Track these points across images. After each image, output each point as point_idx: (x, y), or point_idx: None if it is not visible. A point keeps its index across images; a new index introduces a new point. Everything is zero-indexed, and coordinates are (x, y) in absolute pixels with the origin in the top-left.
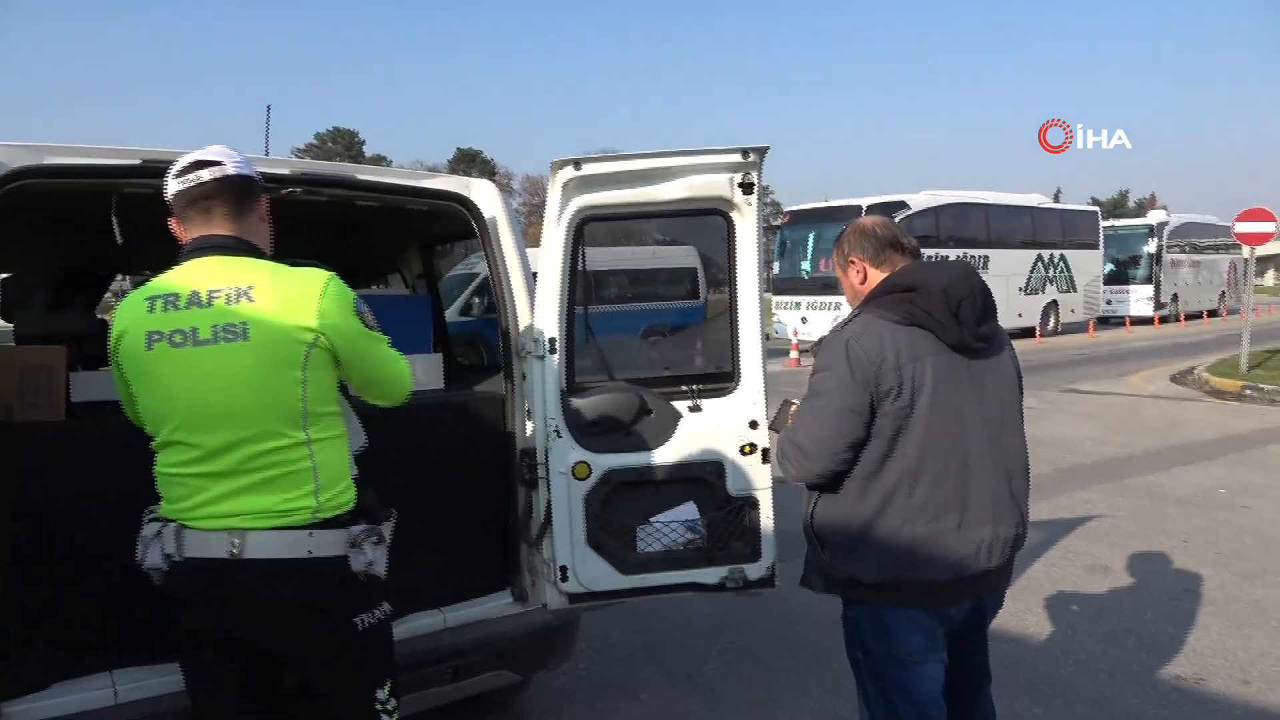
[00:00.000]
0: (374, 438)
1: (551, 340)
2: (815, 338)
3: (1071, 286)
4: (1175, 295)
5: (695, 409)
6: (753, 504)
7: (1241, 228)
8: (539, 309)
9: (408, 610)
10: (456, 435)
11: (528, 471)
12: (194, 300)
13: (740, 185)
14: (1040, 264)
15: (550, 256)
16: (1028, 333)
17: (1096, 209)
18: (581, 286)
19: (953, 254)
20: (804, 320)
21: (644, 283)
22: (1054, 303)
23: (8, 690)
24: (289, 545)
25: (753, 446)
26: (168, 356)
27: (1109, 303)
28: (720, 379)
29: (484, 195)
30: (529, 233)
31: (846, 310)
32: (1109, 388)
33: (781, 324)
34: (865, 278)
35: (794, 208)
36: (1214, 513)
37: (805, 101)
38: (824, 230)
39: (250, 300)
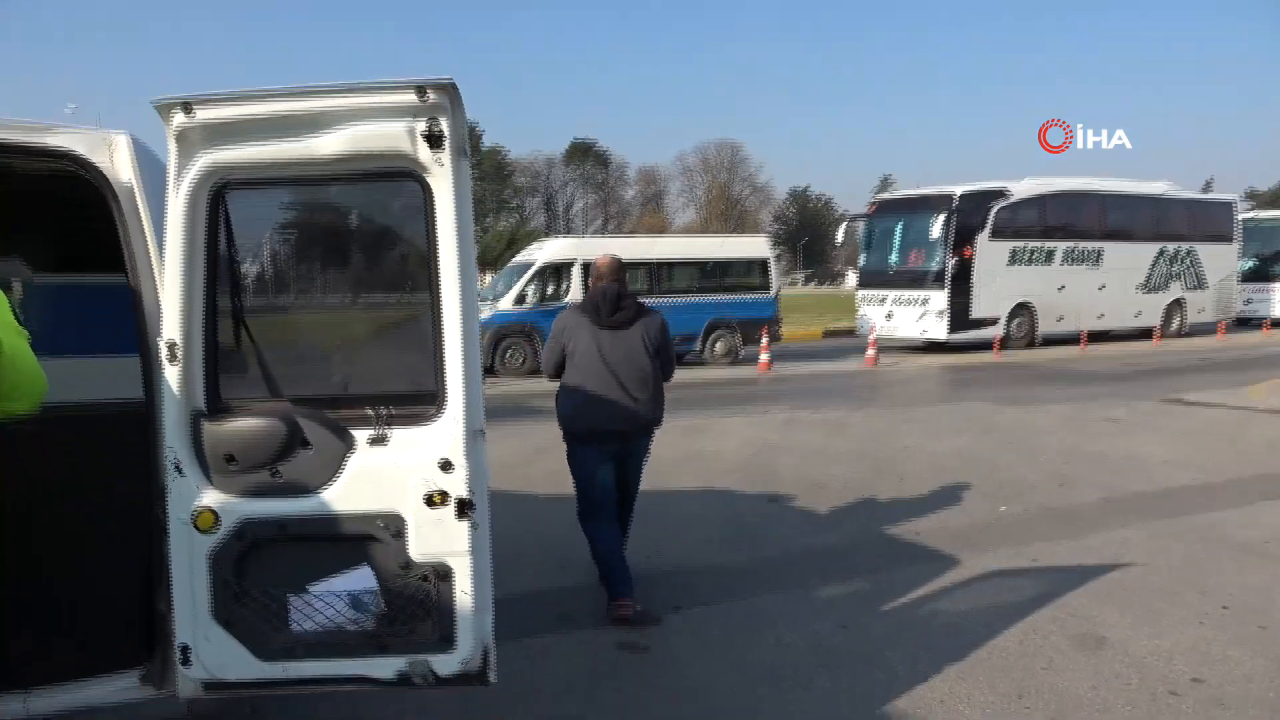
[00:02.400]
0: None
1: (172, 345)
2: (901, 334)
3: (1200, 284)
4: None
5: (379, 440)
6: (443, 573)
7: None
8: (165, 306)
9: None
10: (76, 462)
11: (163, 515)
12: None
13: (425, 137)
14: (1164, 259)
15: (172, 235)
16: (1146, 334)
17: (1233, 198)
18: (231, 274)
19: (1060, 247)
20: (889, 316)
21: (712, 273)
22: (1179, 301)
23: None
24: None
25: (444, 495)
26: None
27: (1247, 302)
28: (420, 401)
29: (121, 157)
30: (643, 222)
31: (935, 303)
32: (1220, 399)
33: (865, 318)
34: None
35: (881, 197)
36: (1279, 568)
37: (947, 86)
38: (913, 220)
39: None
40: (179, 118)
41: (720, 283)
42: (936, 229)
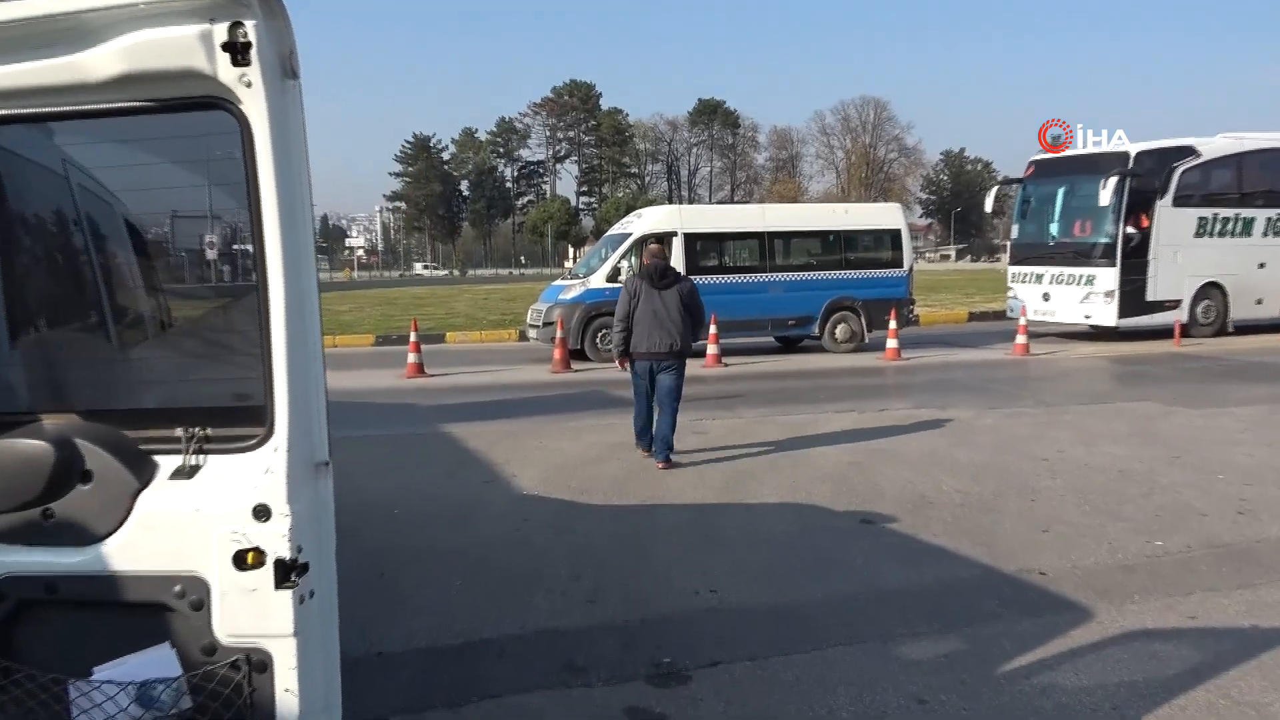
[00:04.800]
0: None
1: None
2: (1060, 318)
3: None
4: None
5: (185, 473)
6: (259, 663)
7: None
8: None
9: None
10: None
11: None
12: None
13: (228, 48)
14: None
15: None
16: None
17: None
18: (2, 243)
19: (1261, 216)
20: (1046, 297)
21: (834, 246)
22: None
23: None
24: None
25: (259, 554)
26: None
27: None
28: (245, 419)
29: None
30: (774, 189)
31: (1102, 282)
32: None
33: (1017, 299)
34: (645, 262)
35: (1041, 157)
36: None
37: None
38: (1078, 184)
39: None
40: None
41: (844, 257)
42: (1107, 194)
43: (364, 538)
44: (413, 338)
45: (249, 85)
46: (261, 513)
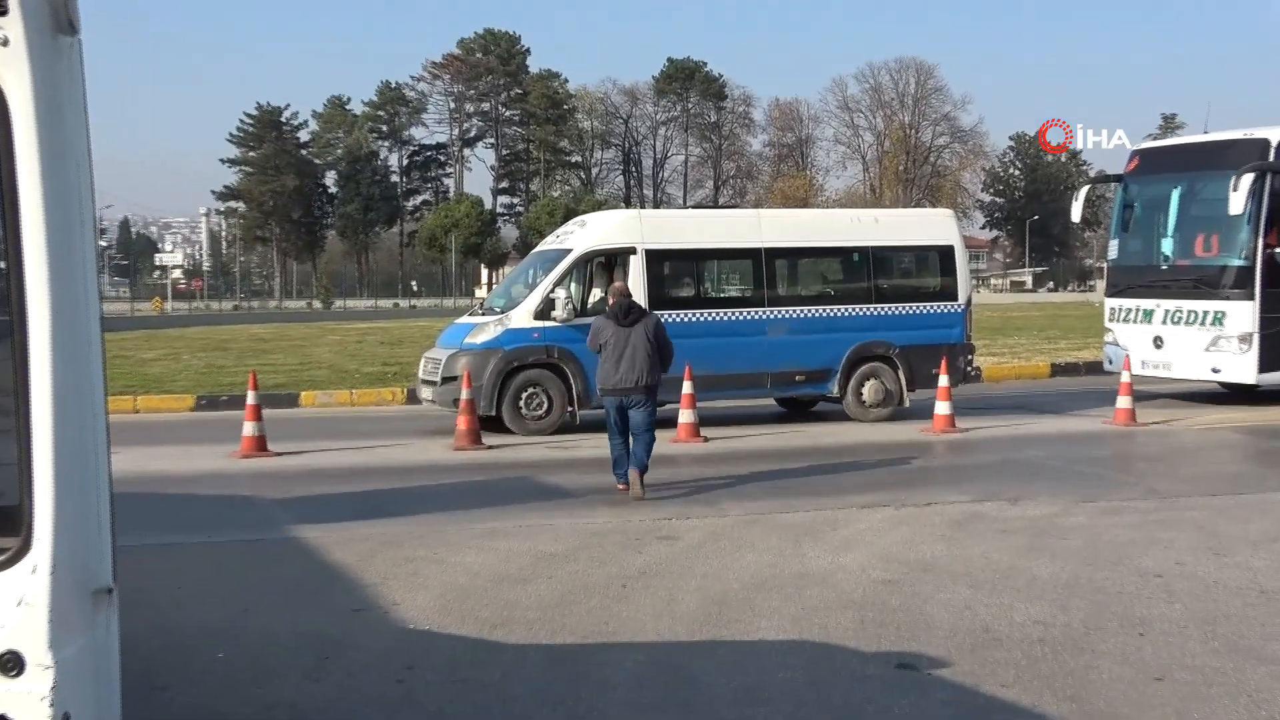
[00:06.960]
0: None
1: None
2: (1178, 372)
3: None
4: None
5: None
6: None
7: None
8: None
9: None
10: None
11: None
12: None
13: None
14: None
15: None
16: None
17: None
18: None
19: None
20: (1158, 342)
21: (860, 270)
22: None
23: None
24: None
25: None
26: None
27: None
28: None
29: None
30: (776, 188)
31: (1235, 322)
32: None
33: (1118, 346)
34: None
35: (1146, 146)
36: None
37: None
38: (1199, 183)
39: None
40: None
41: (874, 285)
42: (1239, 197)
43: (172, 695)
44: (250, 399)
45: (5, 43)
46: (11, 664)
